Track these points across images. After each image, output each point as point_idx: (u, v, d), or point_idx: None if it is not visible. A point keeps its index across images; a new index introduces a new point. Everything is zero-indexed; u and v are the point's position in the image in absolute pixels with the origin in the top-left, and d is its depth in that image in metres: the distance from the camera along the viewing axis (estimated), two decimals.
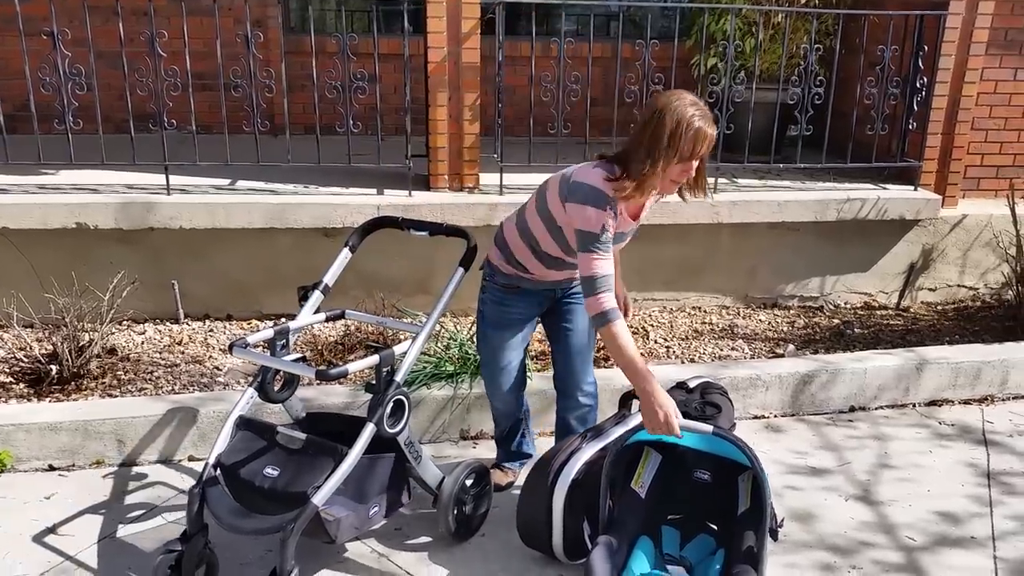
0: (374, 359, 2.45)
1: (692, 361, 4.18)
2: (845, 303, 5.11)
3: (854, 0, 5.34)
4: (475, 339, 3.16)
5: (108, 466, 3.27)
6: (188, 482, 3.17)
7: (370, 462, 2.51)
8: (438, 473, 2.81)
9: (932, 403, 4.02)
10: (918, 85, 4.87)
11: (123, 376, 3.75)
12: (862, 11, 4.89)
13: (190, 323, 4.40)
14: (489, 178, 4.69)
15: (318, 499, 2.32)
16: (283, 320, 4.49)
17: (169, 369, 3.84)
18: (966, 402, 4.05)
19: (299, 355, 2.74)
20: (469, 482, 2.84)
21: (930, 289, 5.21)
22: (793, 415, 3.88)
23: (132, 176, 4.51)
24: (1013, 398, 4.09)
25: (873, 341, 4.52)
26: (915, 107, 4.92)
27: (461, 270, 2.81)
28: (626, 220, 2.64)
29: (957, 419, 3.89)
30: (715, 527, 2.64)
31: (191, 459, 3.32)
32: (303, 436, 2.50)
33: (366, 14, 6.28)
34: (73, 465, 3.26)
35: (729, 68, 4.66)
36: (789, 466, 3.43)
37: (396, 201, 4.38)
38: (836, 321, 4.81)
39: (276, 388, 2.79)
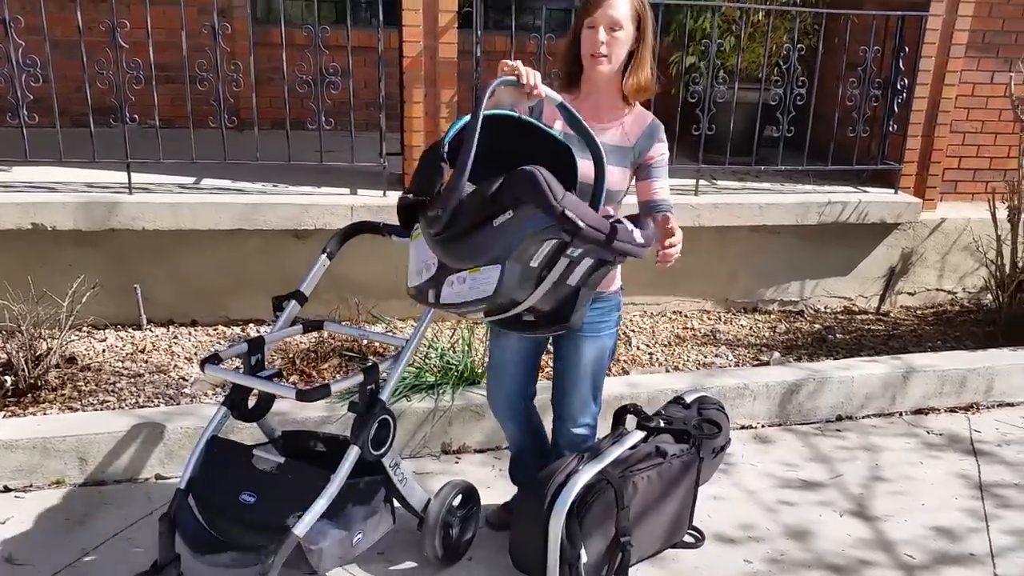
0: (358, 378, 2.30)
1: (677, 369, 4.08)
2: (825, 307, 5.06)
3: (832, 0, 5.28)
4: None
5: (69, 486, 3.07)
6: (155, 503, 2.99)
7: (353, 486, 2.36)
8: (424, 495, 2.67)
9: (919, 411, 3.98)
10: (899, 87, 4.83)
11: (84, 387, 3.54)
12: (843, 11, 4.82)
13: (153, 329, 4.19)
14: None
15: (299, 529, 2.17)
16: (251, 327, 4.30)
17: (133, 380, 3.64)
18: (952, 410, 4.01)
19: (273, 370, 2.57)
20: (456, 503, 2.71)
21: (909, 293, 5.18)
22: (780, 425, 3.80)
23: (92, 174, 4.27)
24: (998, 405, 4.07)
25: (855, 347, 4.47)
26: (895, 109, 4.88)
27: None
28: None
29: (944, 428, 3.85)
30: None
31: (158, 478, 3.13)
32: (281, 459, 2.34)
33: (335, 5, 6.09)
34: (31, 485, 3.05)
35: (711, 67, 4.57)
36: (781, 480, 3.35)
37: (370, 202, 4.22)
38: (817, 326, 4.76)
39: (250, 406, 2.62)
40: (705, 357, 4.22)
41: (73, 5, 3.85)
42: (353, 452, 2.28)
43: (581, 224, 1.89)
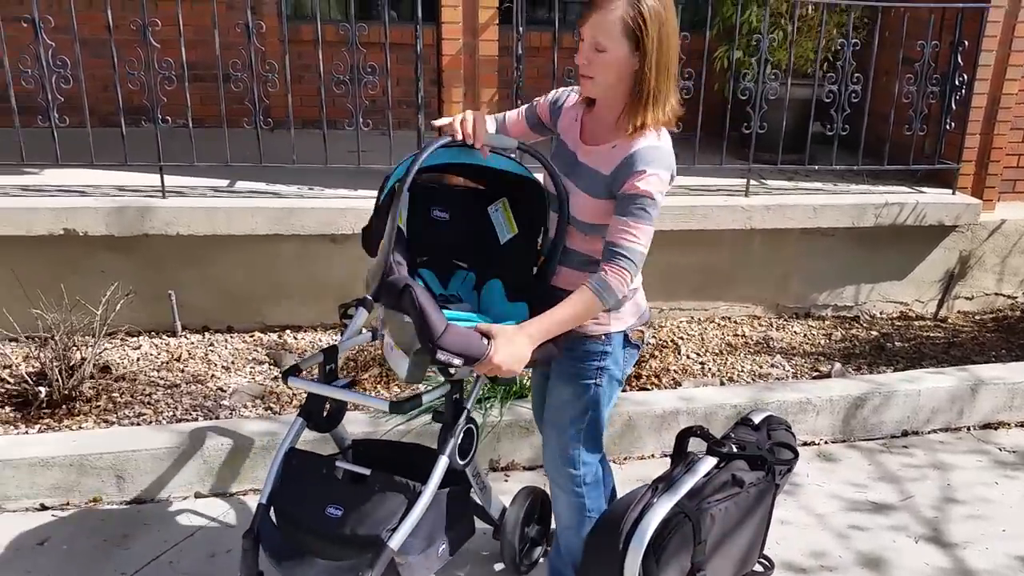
0: (445, 387, 2.19)
1: (731, 380, 3.91)
2: (881, 313, 4.86)
3: None
4: None
5: (107, 504, 2.95)
6: (196, 522, 2.86)
7: (438, 497, 2.24)
8: (500, 502, 2.62)
9: (987, 426, 3.78)
10: (957, 83, 4.61)
11: (119, 399, 3.42)
12: (899, 3, 4.61)
13: (188, 336, 4.07)
14: None
15: (394, 542, 2.04)
16: (288, 333, 4.17)
17: (169, 391, 3.51)
18: (1022, 425, 3.81)
19: (348, 378, 2.45)
20: (532, 511, 2.66)
21: (967, 298, 4.97)
22: (844, 441, 3.62)
23: (124, 176, 4.16)
24: None
25: (916, 356, 4.28)
26: (953, 106, 4.66)
27: None
28: (570, 126, 2.23)
29: (1017, 444, 3.65)
30: (465, 264, 2.43)
31: (198, 496, 3.00)
32: (366, 471, 2.21)
33: (363, 1, 5.93)
34: (68, 504, 2.93)
35: (762, 62, 4.37)
36: (849, 502, 3.17)
37: None
38: (875, 333, 4.56)
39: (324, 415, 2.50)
40: (760, 367, 4.04)
41: (102, 3, 3.71)
42: (442, 463, 2.15)
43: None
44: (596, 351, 2.22)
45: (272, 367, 3.83)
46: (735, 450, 2.47)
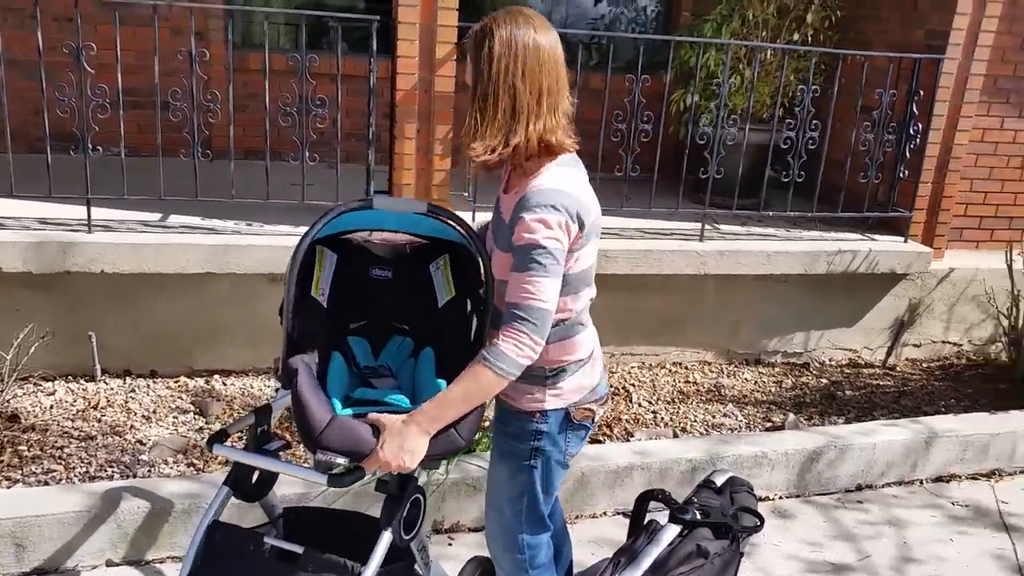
0: None
1: (684, 430, 3.79)
2: (830, 360, 4.81)
3: (840, 39, 5.08)
4: None
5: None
6: None
7: None
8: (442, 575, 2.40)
9: (939, 479, 3.72)
10: (912, 131, 4.62)
11: (27, 452, 3.14)
12: (858, 51, 4.61)
13: (108, 381, 3.79)
14: None
15: None
16: (216, 378, 3.93)
17: (83, 443, 3.25)
18: (974, 477, 3.76)
19: (282, 441, 2.24)
20: None
21: (915, 345, 4.96)
22: (799, 496, 3.52)
23: (47, 208, 3.90)
24: (1020, 472, 3.83)
25: (867, 405, 4.22)
26: (908, 154, 4.67)
27: None
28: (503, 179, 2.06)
29: (969, 498, 3.59)
30: (407, 327, 2.27)
31: (109, 564, 2.74)
32: (299, 548, 2.00)
33: (314, 30, 5.77)
34: None
35: (721, 107, 4.32)
36: (807, 562, 3.05)
37: None
38: (824, 381, 4.50)
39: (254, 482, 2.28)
40: (713, 416, 3.93)
41: (33, 23, 3.49)
42: (385, 539, 1.95)
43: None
44: (529, 430, 2.02)
45: (197, 416, 3.58)
46: (699, 517, 2.34)
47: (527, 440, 2.03)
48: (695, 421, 3.88)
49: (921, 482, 3.69)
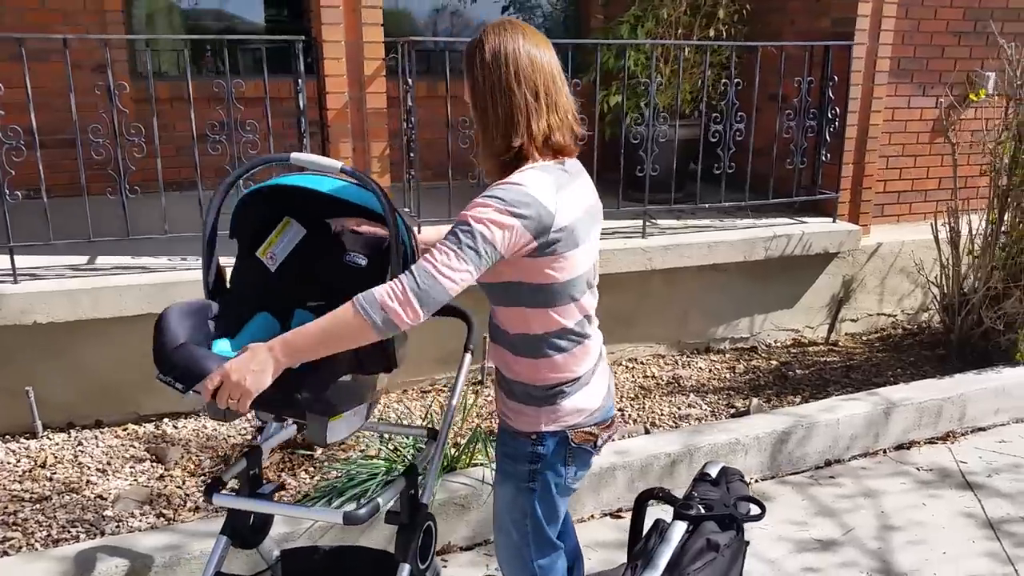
0: (399, 483, 1.92)
1: (654, 425, 3.80)
2: (775, 341, 4.93)
3: (750, 32, 5.24)
4: None
5: None
6: None
7: None
8: None
9: (900, 447, 3.84)
10: (830, 115, 4.79)
11: None
12: (774, 43, 4.76)
13: (51, 436, 3.56)
14: None
15: None
16: (166, 422, 3.73)
17: (38, 505, 3.02)
18: (931, 441, 3.90)
19: (274, 484, 2.12)
20: None
21: (852, 320, 5.13)
22: (773, 477, 3.58)
23: None
24: (972, 431, 4.00)
25: (819, 382, 4.33)
26: (828, 138, 4.84)
27: (468, 356, 2.28)
28: None
29: (931, 462, 3.72)
30: None
31: None
32: None
33: (223, 55, 5.59)
34: None
35: (652, 107, 4.38)
36: (797, 543, 3.10)
37: None
38: (774, 362, 4.60)
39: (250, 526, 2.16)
40: (679, 408, 3.97)
41: None
42: (405, 572, 1.89)
43: None
44: (525, 452, 1.95)
45: (155, 464, 3.39)
46: (703, 511, 2.33)
47: (525, 463, 1.97)
48: (662, 415, 3.90)
49: (885, 451, 3.81)
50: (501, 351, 1.97)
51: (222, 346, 1.96)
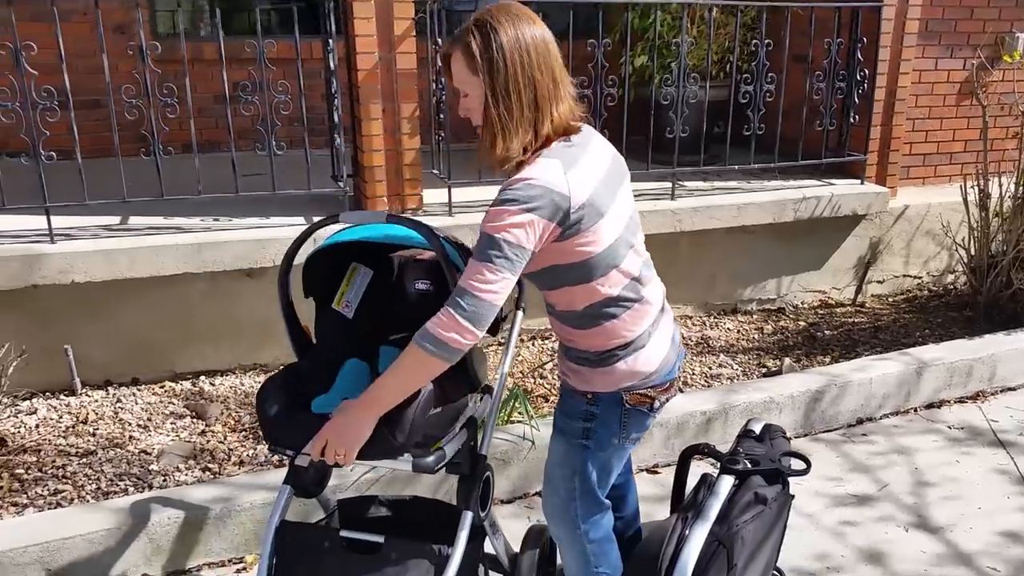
0: (464, 435, 1.99)
1: (686, 384, 3.83)
2: (802, 303, 4.93)
3: None
4: None
5: None
6: None
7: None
8: (510, 547, 2.39)
9: (931, 405, 3.86)
10: (859, 77, 4.76)
11: (25, 475, 2.95)
12: (803, 3, 4.71)
13: (90, 393, 3.60)
14: (433, 195, 4.16)
15: None
16: (203, 379, 3.77)
17: (85, 459, 3.07)
18: (960, 400, 3.92)
19: None
20: (545, 553, 2.44)
21: (878, 282, 5.13)
22: (807, 435, 3.61)
23: (2, 220, 3.65)
24: (1002, 391, 4.01)
25: (848, 343, 4.35)
26: (856, 100, 4.81)
27: (519, 313, 2.30)
28: None
29: (962, 420, 3.74)
30: None
31: None
32: (380, 538, 1.94)
33: (247, 15, 5.56)
34: None
35: (682, 68, 4.35)
36: (834, 498, 3.13)
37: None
38: (802, 323, 4.62)
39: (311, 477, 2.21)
40: (710, 368, 3.99)
41: None
42: (468, 519, 1.94)
43: None
44: (580, 409, 1.99)
45: (196, 420, 3.43)
46: (749, 466, 2.36)
47: (579, 420, 2.00)
48: (695, 374, 3.92)
49: (916, 410, 3.83)
50: (554, 321, 2.01)
51: (320, 403, 2.06)
